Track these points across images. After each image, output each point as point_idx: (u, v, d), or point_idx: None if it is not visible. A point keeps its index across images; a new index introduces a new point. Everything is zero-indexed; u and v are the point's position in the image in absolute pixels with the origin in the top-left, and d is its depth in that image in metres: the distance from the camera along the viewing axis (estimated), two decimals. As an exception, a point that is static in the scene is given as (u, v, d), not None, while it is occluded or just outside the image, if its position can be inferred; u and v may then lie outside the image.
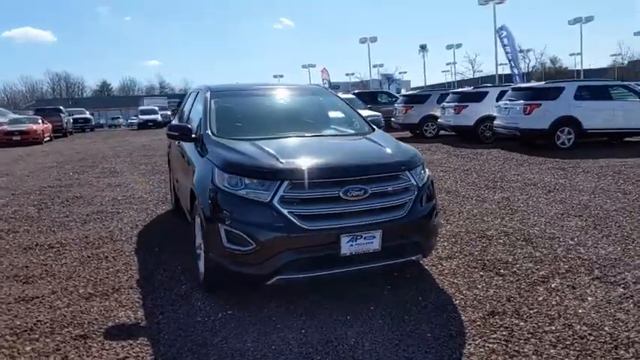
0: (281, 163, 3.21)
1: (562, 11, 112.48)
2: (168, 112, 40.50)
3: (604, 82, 12.55)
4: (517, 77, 22.71)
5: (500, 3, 30.10)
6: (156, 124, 34.55)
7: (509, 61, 21.28)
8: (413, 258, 3.48)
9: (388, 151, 3.62)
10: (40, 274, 4.20)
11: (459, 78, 73.92)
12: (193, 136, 4.14)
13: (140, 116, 36.44)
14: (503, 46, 21.63)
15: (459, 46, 57.60)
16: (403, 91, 29.53)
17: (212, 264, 3.31)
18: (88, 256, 4.64)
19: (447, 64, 77.93)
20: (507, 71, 38.74)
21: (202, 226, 3.39)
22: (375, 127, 4.44)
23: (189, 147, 4.30)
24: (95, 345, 2.91)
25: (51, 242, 5.13)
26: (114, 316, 3.30)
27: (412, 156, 3.59)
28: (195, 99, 5.13)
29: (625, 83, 12.86)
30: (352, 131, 4.36)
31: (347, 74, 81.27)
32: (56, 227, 5.80)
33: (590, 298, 3.35)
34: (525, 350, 2.72)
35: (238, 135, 3.97)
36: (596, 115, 11.48)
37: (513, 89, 12.86)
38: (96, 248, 4.91)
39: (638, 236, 4.67)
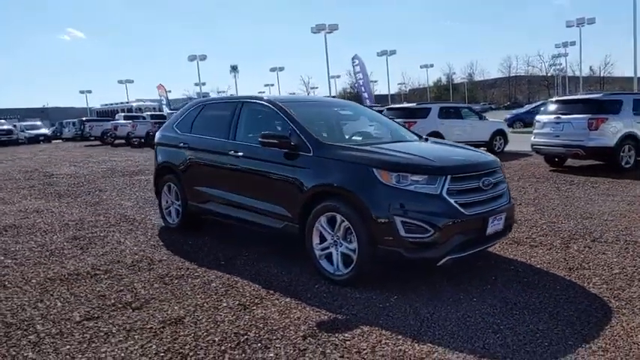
0: (435, 161, 3.79)
1: (373, 44, 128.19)
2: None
3: (457, 105, 15.64)
4: (368, 100, 25.89)
5: (330, 33, 33.71)
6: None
7: (361, 86, 24.16)
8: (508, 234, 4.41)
9: (480, 151, 4.49)
10: (133, 299, 3.77)
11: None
12: (293, 143, 4.29)
13: None
14: (355, 73, 24.49)
15: (281, 69, 61.41)
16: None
17: (381, 255, 3.66)
18: (160, 277, 4.27)
19: (265, 85, 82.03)
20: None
21: (363, 222, 3.68)
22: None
23: (274, 154, 4.39)
24: (338, 343, 3.02)
25: (85, 269, 4.46)
26: (305, 317, 3.36)
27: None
28: (238, 110, 5.10)
29: (468, 105, 16.19)
30: (418, 137, 5.08)
31: (168, 90, 78.68)
32: (53, 257, 4.95)
33: (608, 253, 4.74)
34: (622, 285, 3.86)
35: (336, 141, 4.31)
36: (453, 131, 14.23)
37: (389, 109, 14.97)
38: (148, 270, 4.49)
39: (574, 215, 6.44)
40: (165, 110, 33.60)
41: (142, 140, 24.46)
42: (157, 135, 6.37)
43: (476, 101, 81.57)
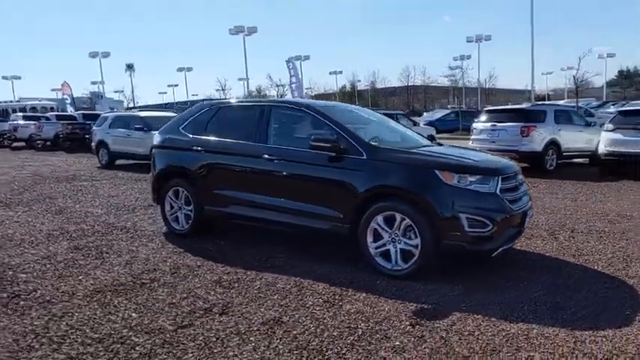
0: (486, 164, 4.26)
1: (287, 47, 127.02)
2: None
3: (394, 112, 16.64)
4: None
5: (249, 35, 33.60)
6: None
7: (294, 90, 24.49)
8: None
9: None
10: (208, 304, 3.71)
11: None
12: (342, 147, 4.49)
13: None
14: (290, 76, 24.78)
15: (189, 69, 59.61)
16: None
17: (444, 249, 4.04)
18: (215, 282, 4.21)
19: (169, 85, 79.08)
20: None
21: (428, 219, 4.03)
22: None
23: (315, 157, 4.57)
24: (447, 328, 3.31)
25: (126, 279, 4.23)
26: (395, 309, 3.59)
27: None
28: (267, 113, 5.13)
29: (404, 112, 17.29)
30: (430, 142, 5.54)
31: (53, 90, 72.29)
32: (73, 269, 4.60)
33: (591, 241, 5.58)
34: (623, 266, 4.64)
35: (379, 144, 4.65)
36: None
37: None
38: (195, 277, 4.38)
39: (538, 211, 7.37)
40: (70, 110, 30.84)
41: (49, 143, 22.38)
42: (158, 138, 6.10)
43: (379, 108, 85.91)
